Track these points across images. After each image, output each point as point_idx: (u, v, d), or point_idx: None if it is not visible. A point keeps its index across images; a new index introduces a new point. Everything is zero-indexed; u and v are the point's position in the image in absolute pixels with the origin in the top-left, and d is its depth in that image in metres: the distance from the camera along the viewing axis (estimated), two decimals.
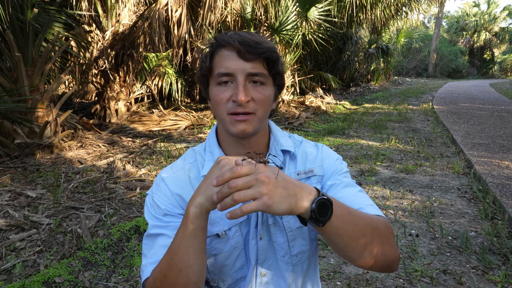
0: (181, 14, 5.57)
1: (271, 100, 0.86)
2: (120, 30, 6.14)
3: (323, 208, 0.69)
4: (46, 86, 4.66)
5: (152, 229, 0.85)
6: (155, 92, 7.55)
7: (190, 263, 0.74)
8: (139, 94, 7.30)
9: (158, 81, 7.61)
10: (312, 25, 7.71)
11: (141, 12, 6.25)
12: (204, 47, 0.88)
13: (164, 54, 7.42)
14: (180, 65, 7.75)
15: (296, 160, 0.94)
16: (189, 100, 9.44)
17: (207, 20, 5.52)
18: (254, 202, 0.64)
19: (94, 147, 4.87)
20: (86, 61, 5.97)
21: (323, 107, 8.68)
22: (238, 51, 0.79)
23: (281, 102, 8.40)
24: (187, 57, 7.16)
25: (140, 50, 6.36)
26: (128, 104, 6.65)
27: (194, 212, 0.72)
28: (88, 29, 5.79)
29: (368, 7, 8.87)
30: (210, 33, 6.04)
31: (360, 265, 0.77)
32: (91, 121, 6.03)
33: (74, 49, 5.47)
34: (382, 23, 9.89)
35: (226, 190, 0.65)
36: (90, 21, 5.93)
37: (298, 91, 9.42)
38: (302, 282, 0.94)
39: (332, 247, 0.77)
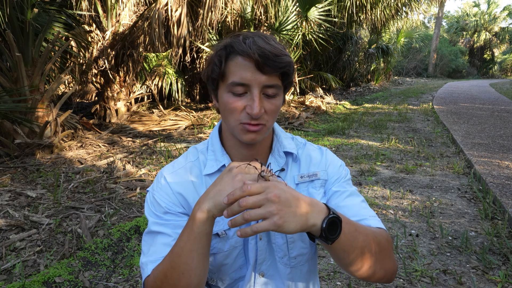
0: (181, 14, 5.57)
1: (280, 107, 0.87)
2: (120, 30, 6.14)
3: (333, 226, 0.69)
4: (46, 86, 4.66)
5: (152, 226, 0.85)
6: (155, 92, 7.55)
7: (193, 266, 0.74)
8: (139, 94, 7.31)
9: (158, 81, 7.62)
10: (312, 25, 7.71)
11: (141, 12, 6.25)
12: (217, 50, 0.85)
13: (164, 54, 7.43)
14: (180, 65, 7.75)
15: (300, 163, 0.94)
16: (189, 100, 9.44)
17: (207, 20, 5.52)
18: (264, 222, 0.64)
19: (94, 147, 4.87)
20: (86, 61, 5.97)
21: (323, 107, 8.68)
22: (257, 63, 0.76)
23: None
24: (187, 57, 7.16)
25: (140, 50, 6.36)
26: (128, 104, 6.66)
27: (200, 217, 0.71)
28: (88, 29, 5.79)
29: (368, 7, 8.88)
30: (210, 33, 6.03)
31: (359, 276, 0.78)
32: (91, 121, 6.03)
33: (74, 49, 5.47)
34: (382, 23, 9.89)
35: (237, 208, 0.65)
36: (90, 21, 5.92)
37: (298, 91, 9.43)
38: (301, 284, 0.95)
39: (334, 258, 0.78)
